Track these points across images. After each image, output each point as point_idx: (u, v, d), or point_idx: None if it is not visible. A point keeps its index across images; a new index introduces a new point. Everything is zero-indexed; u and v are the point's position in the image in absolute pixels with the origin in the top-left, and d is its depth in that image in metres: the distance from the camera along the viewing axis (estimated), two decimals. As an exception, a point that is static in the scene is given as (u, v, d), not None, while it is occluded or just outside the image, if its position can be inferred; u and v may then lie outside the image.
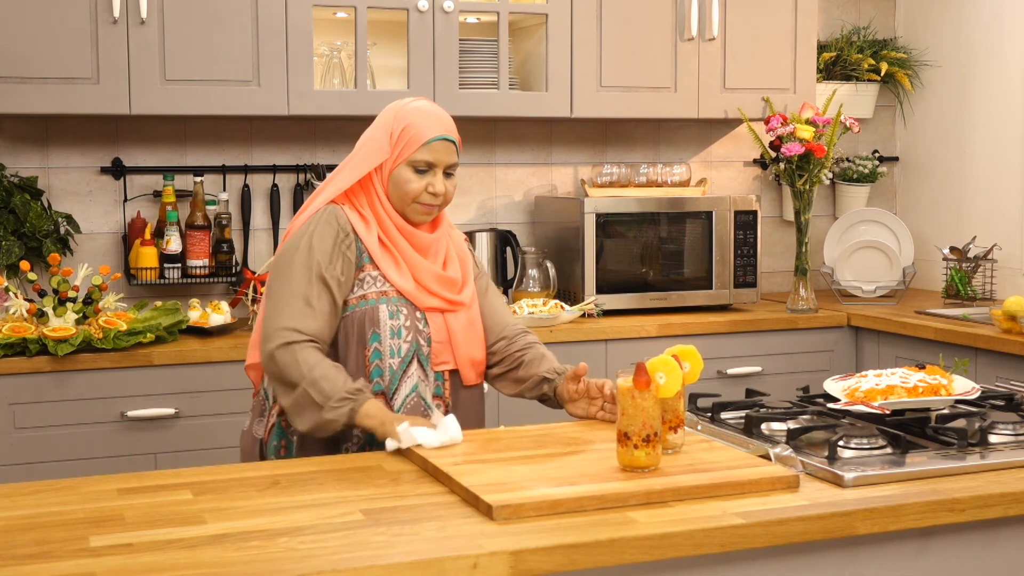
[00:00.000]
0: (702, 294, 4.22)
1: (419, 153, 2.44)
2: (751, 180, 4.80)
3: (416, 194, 2.44)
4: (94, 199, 3.94)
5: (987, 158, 4.58)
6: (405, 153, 2.45)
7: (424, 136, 2.45)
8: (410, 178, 2.45)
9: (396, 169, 2.46)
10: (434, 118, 2.49)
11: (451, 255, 2.55)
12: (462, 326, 2.50)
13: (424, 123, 2.47)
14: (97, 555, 1.62)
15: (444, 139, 2.46)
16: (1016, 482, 1.96)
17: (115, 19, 3.53)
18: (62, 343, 3.28)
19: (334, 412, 2.27)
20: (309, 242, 2.40)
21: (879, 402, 2.22)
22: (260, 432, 2.52)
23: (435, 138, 2.45)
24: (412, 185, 2.44)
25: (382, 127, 2.51)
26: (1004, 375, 3.50)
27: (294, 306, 2.37)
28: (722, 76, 4.27)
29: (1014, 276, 4.41)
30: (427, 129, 2.45)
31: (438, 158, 2.46)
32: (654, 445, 1.95)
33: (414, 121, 2.47)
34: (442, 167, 2.46)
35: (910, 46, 4.88)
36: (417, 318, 2.45)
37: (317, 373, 2.30)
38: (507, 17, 3.99)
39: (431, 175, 2.45)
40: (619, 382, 1.99)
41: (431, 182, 2.45)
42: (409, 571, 1.58)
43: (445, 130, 2.47)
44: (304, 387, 2.30)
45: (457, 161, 2.50)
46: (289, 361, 2.32)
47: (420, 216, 2.48)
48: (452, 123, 2.51)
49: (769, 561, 1.81)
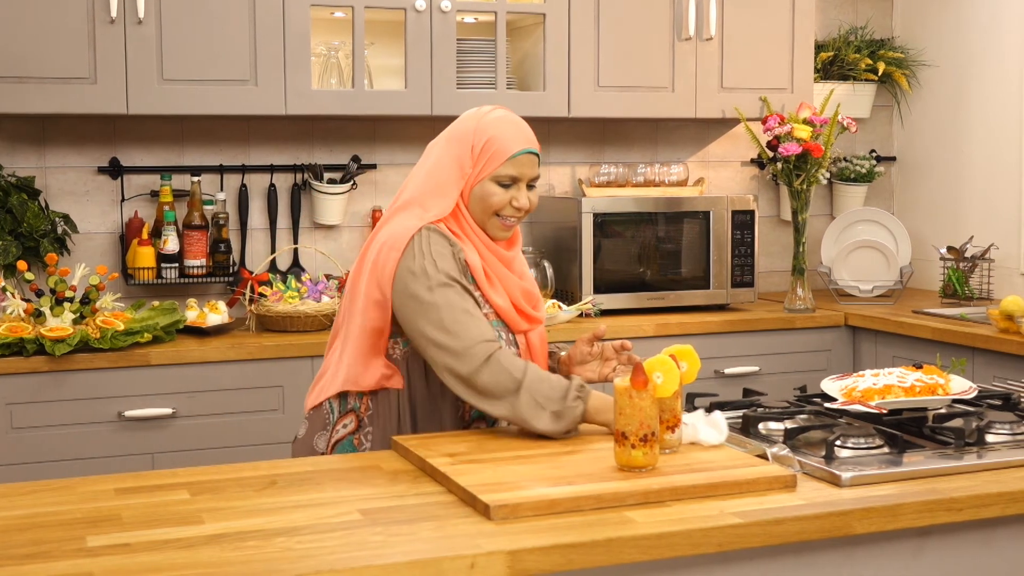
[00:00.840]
0: (699, 294, 4.23)
1: (504, 168, 2.36)
2: (748, 180, 4.80)
3: (500, 207, 2.37)
4: (91, 199, 3.94)
5: (984, 158, 4.58)
6: (489, 168, 2.37)
7: (509, 150, 2.37)
8: (494, 191, 2.37)
9: (479, 183, 2.37)
10: (517, 130, 2.41)
11: (526, 271, 2.51)
12: (538, 342, 2.47)
13: (508, 135, 2.38)
14: (95, 555, 1.62)
15: (529, 152, 2.39)
16: (1013, 481, 1.96)
17: (112, 19, 3.53)
18: (59, 343, 3.28)
19: (574, 411, 2.19)
20: (434, 264, 2.29)
21: (876, 402, 2.22)
22: (322, 446, 2.43)
23: (520, 152, 2.37)
24: (495, 199, 2.37)
25: (462, 140, 2.40)
26: (1001, 375, 3.50)
27: (463, 321, 2.26)
28: (719, 76, 4.27)
29: (1011, 276, 4.41)
30: (511, 142, 2.37)
31: (523, 172, 2.38)
32: (652, 445, 1.95)
33: (497, 134, 2.38)
34: (526, 180, 2.39)
35: (907, 46, 4.89)
36: (511, 340, 2.41)
37: (531, 375, 2.22)
38: (504, 17, 3.99)
39: (515, 189, 2.38)
40: (616, 382, 1.99)
41: (515, 196, 2.38)
42: (407, 571, 1.58)
43: (529, 142, 2.40)
44: (519, 393, 2.20)
45: (539, 174, 2.44)
46: (498, 371, 2.22)
47: (500, 231, 2.41)
48: (532, 134, 2.44)
49: (766, 561, 1.81)
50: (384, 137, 4.24)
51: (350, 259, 4.19)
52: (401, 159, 4.26)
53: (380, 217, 4.14)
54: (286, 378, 3.54)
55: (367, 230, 4.23)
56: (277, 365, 3.53)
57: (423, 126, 4.26)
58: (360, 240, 4.23)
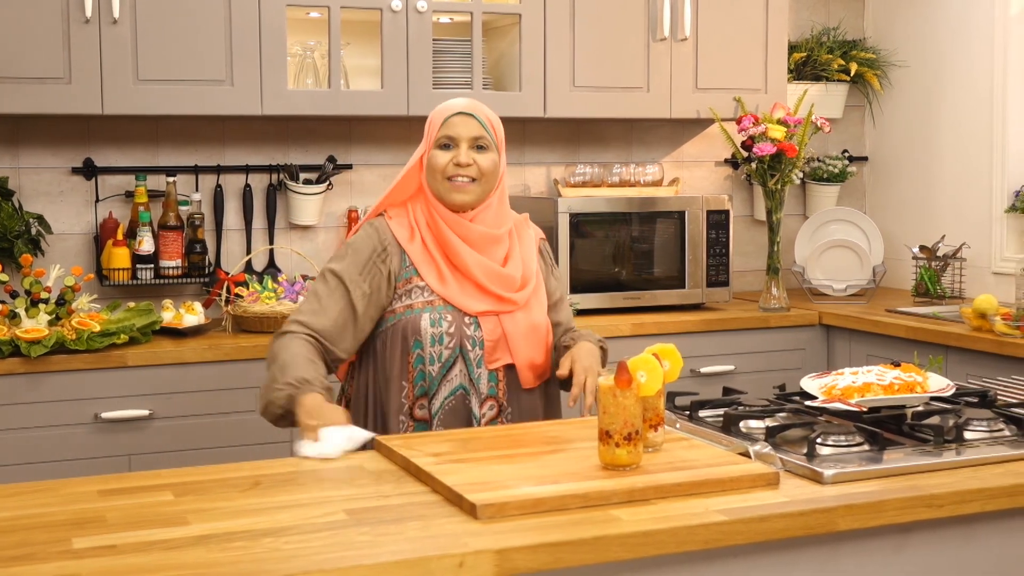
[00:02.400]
0: (675, 293, 4.24)
1: (440, 131, 2.56)
2: (722, 180, 4.82)
3: (442, 168, 2.54)
4: (65, 199, 3.92)
5: (955, 157, 4.63)
6: (430, 138, 2.58)
7: (442, 116, 2.57)
8: (435, 155, 2.56)
9: (428, 155, 2.58)
10: (455, 101, 2.61)
11: (514, 255, 2.61)
12: (519, 328, 2.56)
13: (444, 107, 2.60)
14: (81, 557, 1.61)
15: (461, 113, 2.56)
16: (992, 478, 1.98)
17: (87, 18, 3.51)
18: (35, 344, 3.26)
19: (275, 393, 2.37)
20: (344, 252, 2.57)
21: (856, 399, 2.24)
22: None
23: (452, 114, 2.56)
24: (435, 160, 2.55)
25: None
26: (975, 372, 3.53)
27: (309, 303, 2.53)
28: (694, 76, 4.29)
29: (982, 275, 4.45)
30: (445, 110, 2.58)
31: (457, 132, 2.55)
32: (635, 443, 1.95)
33: (439, 110, 2.61)
34: (465, 140, 2.55)
35: (879, 47, 4.93)
36: (466, 323, 2.53)
37: (285, 356, 2.42)
38: (480, 17, 3.99)
39: (455, 149, 2.55)
40: (600, 381, 1.99)
41: (455, 155, 2.54)
42: (395, 570, 1.58)
43: (463, 107, 2.57)
44: (270, 367, 2.44)
45: (484, 135, 2.57)
46: (276, 345, 2.47)
47: (454, 194, 2.55)
48: (481, 105, 2.61)
49: (750, 558, 1.82)
50: (359, 137, 4.24)
51: (326, 259, 4.17)
52: (377, 159, 4.26)
53: (356, 217, 4.17)
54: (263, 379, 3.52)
55: (343, 230, 4.22)
56: (254, 366, 3.52)
57: (398, 126, 4.26)
58: (336, 240, 4.22)
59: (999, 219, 4.42)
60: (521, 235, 2.67)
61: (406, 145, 4.27)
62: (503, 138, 2.64)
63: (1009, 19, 4.35)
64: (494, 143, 2.59)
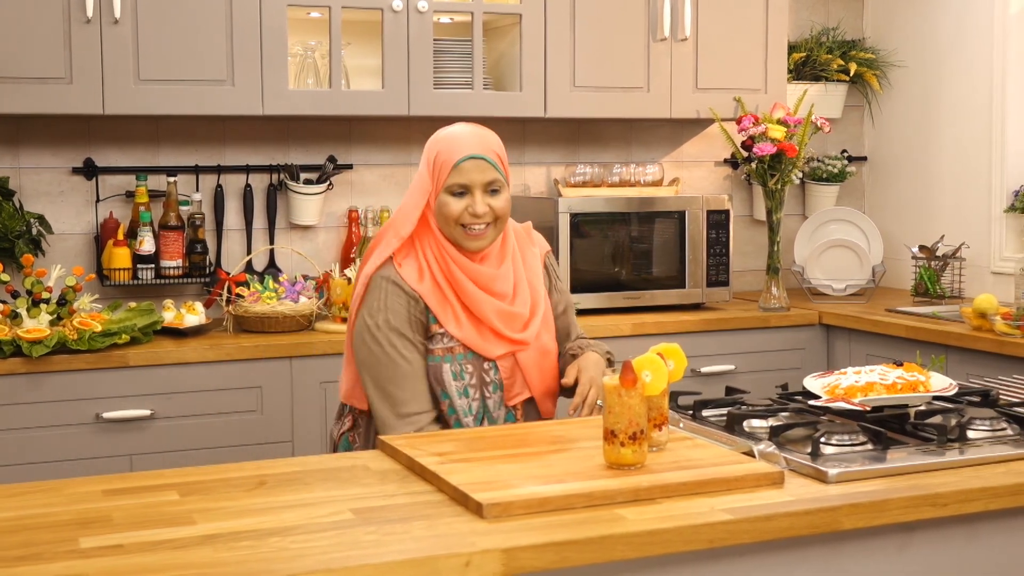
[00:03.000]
0: (675, 293, 4.25)
1: (451, 177, 2.42)
2: (722, 179, 4.83)
3: (456, 216, 2.43)
4: (65, 200, 3.92)
5: (954, 157, 4.63)
6: (440, 180, 2.44)
7: (452, 159, 2.43)
8: (447, 201, 2.44)
9: (438, 198, 2.45)
10: (463, 139, 2.46)
11: (521, 285, 2.53)
12: (534, 360, 2.52)
13: (453, 146, 2.45)
14: (88, 556, 1.62)
15: (472, 158, 2.43)
16: (996, 477, 1.98)
17: (88, 19, 3.51)
18: (37, 344, 3.26)
19: None
20: (386, 317, 2.45)
21: (859, 399, 2.24)
22: (335, 432, 2.61)
23: (463, 159, 2.43)
24: (449, 208, 2.43)
25: (424, 159, 2.50)
26: (975, 372, 3.54)
27: (399, 384, 2.44)
28: (694, 76, 4.29)
29: (982, 274, 4.46)
30: (455, 152, 2.44)
31: (471, 178, 2.43)
32: (641, 443, 1.96)
33: (444, 147, 2.46)
34: (478, 187, 2.43)
35: (878, 47, 4.93)
36: (485, 369, 2.48)
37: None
38: (481, 17, 4.00)
39: (469, 196, 2.43)
40: (605, 380, 2.00)
41: (470, 203, 2.43)
42: (403, 570, 1.58)
43: (475, 148, 2.44)
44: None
45: (497, 177, 2.46)
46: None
47: (470, 242, 2.46)
48: (488, 140, 2.48)
49: (755, 557, 1.82)
50: (360, 137, 4.24)
51: (326, 259, 4.19)
52: (377, 159, 4.26)
53: (356, 217, 4.17)
54: (264, 379, 3.54)
55: (343, 230, 4.22)
56: (255, 366, 3.53)
57: (398, 126, 4.26)
58: (336, 240, 4.22)
59: (998, 219, 4.42)
60: (525, 254, 2.59)
61: (406, 145, 4.28)
62: (509, 170, 2.54)
63: (1008, 19, 4.36)
64: (505, 181, 2.49)
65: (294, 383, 3.56)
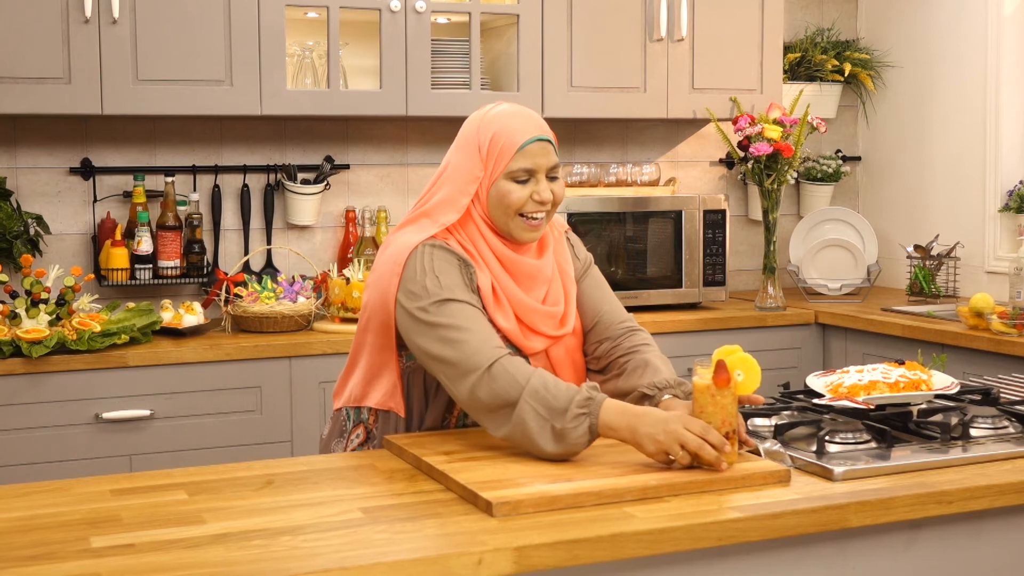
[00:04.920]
0: (671, 292, 4.26)
1: (515, 161, 2.20)
2: (717, 179, 4.84)
3: (521, 204, 2.21)
4: (63, 200, 3.91)
5: (948, 157, 4.65)
6: (500, 165, 2.21)
7: (517, 141, 2.21)
8: (511, 189, 2.21)
9: (494, 185, 2.22)
10: (523, 120, 2.24)
11: (555, 278, 2.34)
12: (562, 357, 2.32)
13: (513, 127, 2.22)
14: (100, 556, 1.62)
15: (539, 140, 2.22)
16: (1000, 474, 2.00)
17: (87, 18, 3.51)
18: (36, 345, 3.26)
19: (572, 433, 2.00)
20: (436, 280, 2.16)
21: (863, 397, 2.25)
22: (338, 450, 2.38)
23: (529, 140, 2.21)
24: (514, 196, 2.20)
25: (468, 143, 2.26)
26: (972, 371, 3.56)
27: (465, 333, 2.12)
28: (690, 76, 4.30)
29: (976, 274, 4.48)
30: (518, 133, 2.21)
31: (537, 162, 2.21)
32: (733, 442, 1.96)
33: (501, 128, 2.22)
34: (543, 171, 2.22)
35: (872, 47, 4.95)
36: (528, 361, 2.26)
37: (536, 379, 2.05)
38: (478, 17, 4.00)
39: (533, 182, 2.22)
40: (696, 380, 1.97)
41: (535, 190, 2.21)
42: (415, 568, 1.59)
43: (538, 130, 2.23)
44: (525, 400, 2.03)
45: (558, 161, 2.26)
46: (501, 378, 2.06)
47: (525, 233, 2.24)
48: (542, 120, 2.27)
49: (762, 554, 1.83)
50: (357, 137, 4.24)
51: (323, 259, 4.19)
52: (374, 159, 4.27)
53: (353, 217, 4.17)
54: (263, 379, 3.54)
55: (340, 230, 4.23)
56: (254, 366, 3.53)
57: (395, 126, 4.26)
58: (333, 240, 4.22)
59: (992, 218, 4.45)
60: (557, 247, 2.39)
61: (403, 145, 4.28)
62: None
63: (1002, 19, 4.38)
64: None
65: (293, 383, 3.56)
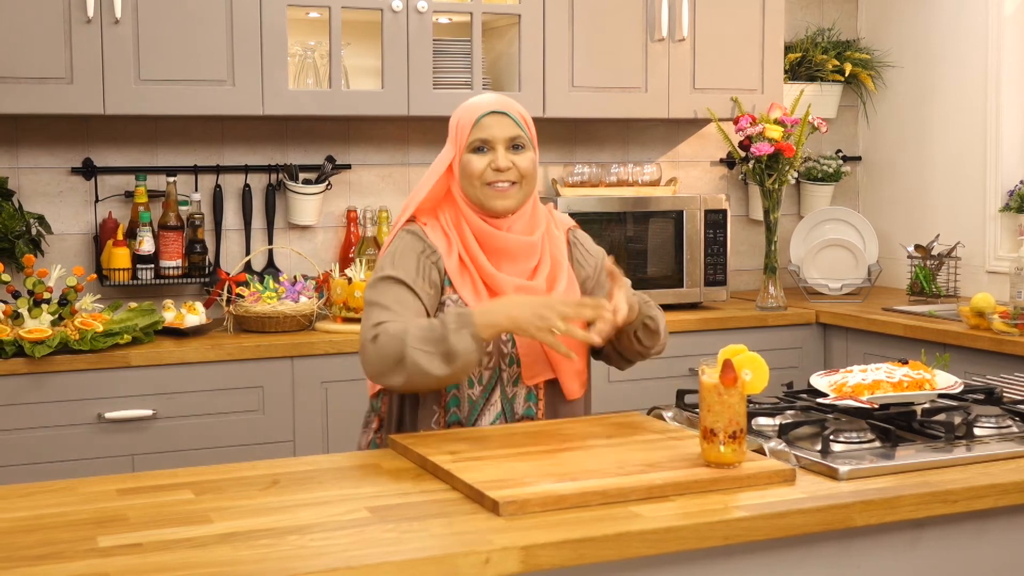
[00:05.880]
0: (672, 292, 4.26)
1: (473, 133, 2.39)
2: (717, 179, 4.84)
3: (480, 173, 2.38)
4: (64, 200, 3.91)
5: (949, 157, 4.66)
6: (461, 141, 2.41)
7: (472, 117, 2.40)
8: (470, 159, 2.39)
9: (461, 160, 2.41)
10: (484, 99, 2.45)
11: (544, 260, 2.45)
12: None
13: (472, 106, 2.43)
14: (107, 555, 1.62)
15: (493, 112, 2.40)
16: (1004, 473, 2.00)
17: (89, 18, 3.51)
18: (39, 344, 3.26)
19: (460, 344, 2.17)
20: (392, 261, 2.36)
21: (867, 397, 2.26)
22: (363, 442, 2.49)
23: (483, 114, 2.39)
24: (472, 166, 2.38)
25: (448, 133, 2.49)
26: (973, 370, 3.56)
27: (376, 313, 2.30)
28: (692, 77, 4.31)
29: (977, 273, 4.49)
30: (474, 110, 2.41)
31: (492, 133, 2.39)
32: (740, 442, 1.95)
33: (464, 108, 2.44)
34: (500, 142, 2.39)
35: (873, 47, 4.96)
36: (503, 340, 2.37)
37: (413, 330, 2.21)
38: (480, 17, 4.00)
39: (491, 152, 2.39)
40: (704, 379, 1.98)
41: (492, 158, 2.39)
42: (423, 567, 1.59)
43: (493, 106, 2.41)
44: (411, 347, 2.19)
45: (520, 134, 2.42)
46: (383, 342, 2.23)
47: (496, 201, 2.39)
48: (509, 101, 2.45)
49: (768, 553, 1.84)
50: (358, 137, 4.24)
51: (325, 259, 4.19)
52: (375, 159, 4.27)
53: (355, 217, 4.18)
54: (266, 379, 3.54)
55: (342, 230, 4.23)
56: (257, 366, 3.53)
57: (397, 126, 4.27)
58: (335, 240, 4.23)
59: (993, 218, 4.45)
60: (551, 234, 2.50)
61: (405, 145, 4.28)
62: (535, 134, 2.49)
63: (1003, 19, 4.39)
64: (530, 141, 2.44)
65: (295, 383, 3.57)
